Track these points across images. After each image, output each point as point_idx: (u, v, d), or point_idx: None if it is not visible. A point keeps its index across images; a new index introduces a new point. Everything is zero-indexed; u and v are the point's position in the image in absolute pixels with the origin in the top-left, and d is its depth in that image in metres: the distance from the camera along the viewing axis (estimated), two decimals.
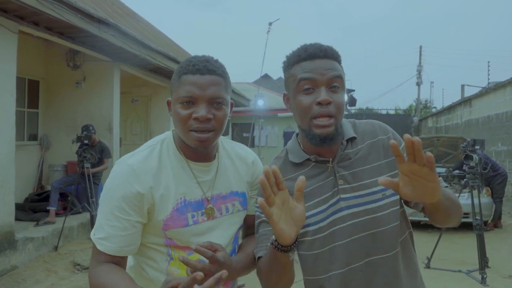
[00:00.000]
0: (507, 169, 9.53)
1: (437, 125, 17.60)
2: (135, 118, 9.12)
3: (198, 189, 1.21)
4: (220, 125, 1.17)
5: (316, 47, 1.17)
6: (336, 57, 1.19)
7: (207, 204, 1.22)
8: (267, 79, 24.34)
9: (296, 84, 1.16)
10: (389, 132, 1.24)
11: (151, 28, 10.05)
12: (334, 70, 1.16)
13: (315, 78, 1.14)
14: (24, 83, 6.72)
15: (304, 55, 1.17)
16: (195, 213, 1.20)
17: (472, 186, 5.02)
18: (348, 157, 1.20)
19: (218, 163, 1.27)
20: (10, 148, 4.68)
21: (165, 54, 7.35)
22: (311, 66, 1.15)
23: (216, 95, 1.14)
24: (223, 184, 1.26)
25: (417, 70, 27.03)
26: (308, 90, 1.15)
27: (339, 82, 1.16)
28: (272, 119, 16.37)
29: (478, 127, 11.97)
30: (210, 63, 1.16)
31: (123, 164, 1.17)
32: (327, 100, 1.12)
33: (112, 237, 1.13)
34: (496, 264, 5.22)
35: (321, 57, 1.16)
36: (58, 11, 4.63)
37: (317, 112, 1.13)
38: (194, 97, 1.13)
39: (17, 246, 4.69)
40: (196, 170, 1.22)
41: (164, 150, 1.22)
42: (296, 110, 1.18)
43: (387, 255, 1.16)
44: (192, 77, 1.13)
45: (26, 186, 6.67)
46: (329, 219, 1.17)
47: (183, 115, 1.14)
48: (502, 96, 10.28)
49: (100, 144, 6.20)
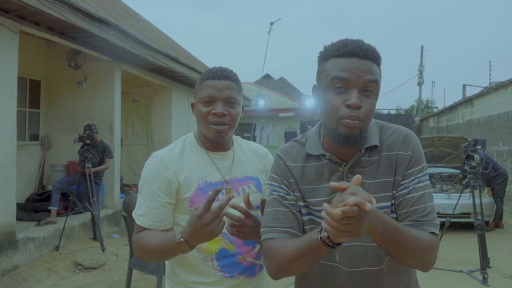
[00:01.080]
0: (508, 169, 9.51)
1: (438, 125, 17.57)
2: (136, 118, 9.11)
3: (217, 173, 1.46)
4: (233, 120, 1.43)
5: (357, 45, 1.11)
6: (376, 59, 1.12)
7: (226, 185, 1.45)
8: (268, 79, 24.30)
9: (328, 80, 1.12)
10: (409, 150, 1.17)
11: (152, 28, 10.05)
12: (371, 73, 1.09)
13: (349, 78, 1.08)
14: (25, 83, 6.72)
15: (342, 50, 1.11)
16: None
17: (474, 186, 5.01)
18: (362, 165, 1.17)
19: (233, 153, 1.52)
20: (11, 148, 4.69)
21: (166, 54, 7.35)
22: (348, 65, 1.09)
23: (230, 96, 1.41)
24: (238, 169, 1.50)
25: (418, 70, 27.03)
26: (340, 89, 1.10)
27: (373, 87, 1.10)
28: (273, 119, 16.37)
29: (479, 127, 11.95)
30: (226, 72, 1.45)
31: (154, 157, 1.46)
32: (357, 104, 1.07)
33: (148, 214, 1.40)
34: (497, 264, 5.21)
35: (360, 57, 1.09)
36: (59, 11, 4.63)
37: (345, 114, 1.09)
38: (213, 97, 1.40)
39: (18, 246, 4.69)
40: (215, 158, 1.47)
41: (187, 144, 1.50)
42: (325, 107, 1.14)
43: (372, 269, 1.18)
44: (212, 82, 1.41)
45: (27, 186, 6.68)
46: None
47: (204, 112, 1.41)
48: (503, 96, 10.26)
49: (102, 144, 6.21)
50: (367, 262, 1.17)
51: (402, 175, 1.16)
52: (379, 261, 1.18)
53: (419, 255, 1.09)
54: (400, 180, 1.16)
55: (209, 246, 1.39)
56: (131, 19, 8.08)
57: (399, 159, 1.17)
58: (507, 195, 8.64)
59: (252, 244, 1.45)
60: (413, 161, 1.16)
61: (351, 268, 1.18)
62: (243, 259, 1.43)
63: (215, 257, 1.41)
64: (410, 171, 1.16)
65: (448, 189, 7.65)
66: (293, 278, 1.33)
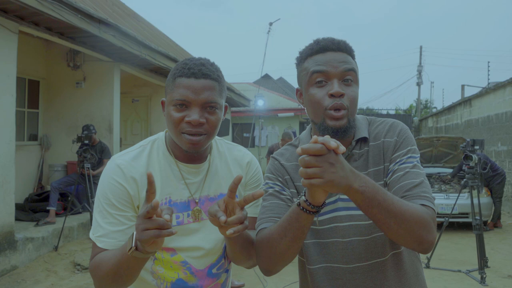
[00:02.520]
0: (506, 169, 9.53)
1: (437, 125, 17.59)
2: (135, 118, 9.12)
3: (185, 190, 1.21)
4: (212, 129, 1.16)
5: (329, 40, 1.16)
6: (349, 51, 1.17)
7: (194, 205, 1.21)
8: (267, 79, 24.33)
9: (308, 77, 1.15)
10: (394, 136, 1.17)
11: (151, 28, 10.05)
12: (347, 63, 1.14)
13: (327, 70, 1.12)
14: (24, 83, 6.73)
15: (316, 48, 1.16)
16: (180, 214, 1.19)
17: (472, 186, 5.03)
18: (354, 158, 1.18)
19: (209, 165, 1.26)
20: (10, 148, 4.69)
21: (165, 54, 7.36)
22: (324, 59, 1.13)
23: (209, 100, 1.13)
24: (212, 186, 1.25)
25: (417, 70, 27.03)
26: (321, 83, 1.13)
27: (352, 76, 1.14)
28: (272, 119, 16.39)
29: (478, 127, 11.97)
30: (205, 67, 1.15)
31: (112, 164, 1.20)
32: (339, 92, 1.10)
33: (110, 233, 1.14)
34: (495, 264, 5.22)
35: (334, 50, 1.14)
36: (58, 11, 4.63)
37: (329, 104, 1.11)
38: (188, 100, 1.12)
39: (17, 246, 4.70)
40: (185, 172, 1.22)
41: (154, 150, 1.24)
42: (309, 103, 1.16)
43: (375, 261, 1.16)
44: (187, 81, 1.13)
45: (26, 186, 6.68)
46: (329, 215, 1.17)
47: (175, 118, 1.13)
48: (502, 96, 10.28)
49: (100, 145, 6.21)
50: (368, 256, 1.15)
51: (389, 161, 1.16)
52: (382, 253, 1.16)
53: (409, 224, 0.97)
54: (388, 164, 1.16)
55: (166, 274, 1.20)
56: (130, 20, 8.08)
57: (385, 146, 1.17)
58: (505, 195, 8.65)
59: (217, 276, 1.27)
60: (398, 145, 1.16)
61: (352, 264, 1.16)
62: None
63: (170, 286, 1.21)
64: (395, 155, 1.15)
65: (446, 189, 7.67)
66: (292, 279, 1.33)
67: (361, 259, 1.16)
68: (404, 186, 1.09)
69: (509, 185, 9.57)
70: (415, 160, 1.14)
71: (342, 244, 1.16)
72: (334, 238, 1.17)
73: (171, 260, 1.20)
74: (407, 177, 1.10)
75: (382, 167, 1.17)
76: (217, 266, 1.26)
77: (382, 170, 1.16)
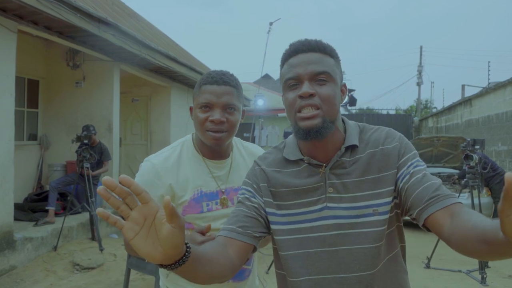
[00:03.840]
0: (507, 169, 9.51)
1: (437, 125, 17.57)
2: (135, 118, 9.10)
3: (213, 182, 1.44)
4: (232, 127, 1.39)
5: (300, 42, 1.14)
6: (324, 50, 1.12)
7: (221, 195, 1.44)
8: (267, 79, 24.33)
9: (283, 83, 1.15)
10: (395, 141, 1.14)
11: (151, 28, 10.04)
12: (317, 63, 1.10)
13: (298, 72, 1.10)
14: (23, 82, 6.71)
15: (289, 52, 1.15)
16: (209, 202, 1.42)
17: (472, 186, 5.02)
18: (343, 165, 1.13)
19: (231, 160, 1.49)
20: (9, 148, 4.68)
21: (165, 54, 7.34)
22: (296, 62, 1.11)
23: (229, 102, 1.37)
24: (235, 178, 1.47)
25: (417, 70, 27.01)
26: (294, 86, 1.11)
27: (325, 76, 1.09)
28: (272, 119, 16.38)
29: (478, 127, 11.96)
30: (226, 76, 1.40)
31: (148, 163, 1.42)
32: (307, 92, 1.07)
33: None
34: (496, 264, 5.20)
35: (305, 51, 1.11)
36: (58, 10, 4.62)
37: (299, 105, 1.09)
38: (211, 103, 1.37)
39: (16, 246, 4.68)
40: (211, 167, 1.45)
41: (184, 150, 1.47)
42: (285, 107, 1.15)
43: (364, 273, 1.11)
44: (210, 87, 1.37)
45: (26, 186, 6.66)
46: (312, 224, 1.13)
47: (201, 118, 1.37)
48: (502, 96, 10.26)
49: (100, 145, 6.18)
50: (356, 267, 1.11)
51: (396, 167, 1.11)
52: (371, 266, 1.11)
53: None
54: (396, 172, 1.11)
55: None
56: (130, 19, 8.07)
57: (385, 153, 1.12)
58: None
59: None
60: (403, 149, 1.13)
61: (339, 274, 1.12)
62: None
63: None
64: (403, 160, 1.11)
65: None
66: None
67: (347, 270, 1.11)
68: (429, 187, 1.05)
69: None
70: (422, 163, 1.12)
71: (321, 254, 1.12)
72: (313, 248, 1.13)
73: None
74: (428, 179, 1.07)
75: (386, 174, 1.11)
76: None
77: (386, 176, 1.11)
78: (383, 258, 1.13)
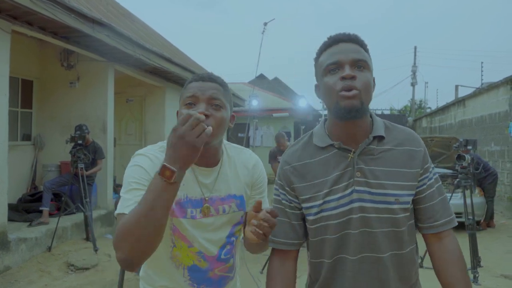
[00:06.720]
0: (499, 169, 9.59)
1: (431, 125, 17.68)
2: (129, 118, 9.09)
3: (199, 190, 1.36)
4: (218, 126, 1.28)
5: (341, 33, 1.23)
6: (361, 44, 1.22)
7: (204, 203, 1.36)
8: (262, 79, 24.32)
9: (323, 69, 1.21)
10: (421, 146, 1.27)
11: (146, 28, 10.02)
12: (358, 52, 1.19)
13: (339, 59, 1.18)
14: (17, 83, 6.68)
15: (329, 41, 1.23)
16: (193, 209, 1.36)
17: (465, 186, 5.05)
18: (371, 152, 1.23)
19: (219, 168, 1.41)
20: (3, 148, 4.66)
21: (160, 54, 7.34)
22: (337, 49, 1.20)
23: (214, 96, 1.30)
24: (222, 187, 1.40)
25: (412, 70, 27.16)
26: (334, 71, 1.19)
27: (363, 64, 1.19)
28: (267, 119, 16.39)
29: (471, 127, 12.04)
30: (213, 75, 1.37)
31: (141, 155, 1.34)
32: (350, 74, 1.15)
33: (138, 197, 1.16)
34: (488, 263, 5.25)
35: (346, 41, 1.21)
36: (52, 11, 4.61)
37: (341, 86, 1.16)
38: (196, 96, 1.30)
39: (10, 247, 4.67)
40: (198, 173, 1.37)
41: None
42: (324, 91, 1.22)
43: (383, 255, 1.21)
44: (195, 83, 1.33)
45: (20, 186, 6.64)
46: (345, 208, 1.21)
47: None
48: (495, 96, 10.34)
49: (93, 145, 6.17)
50: (374, 249, 1.21)
51: (422, 169, 1.24)
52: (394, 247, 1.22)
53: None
54: (419, 172, 1.23)
55: (183, 259, 1.37)
56: (124, 19, 8.06)
57: (411, 153, 1.24)
58: (498, 194, 8.72)
59: (225, 261, 1.43)
60: (426, 157, 1.26)
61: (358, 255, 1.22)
62: (212, 274, 1.40)
63: (187, 268, 1.38)
64: (426, 166, 1.25)
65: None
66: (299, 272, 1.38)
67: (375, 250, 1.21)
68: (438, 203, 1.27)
69: (502, 185, 9.64)
70: (435, 171, 1.30)
71: (352, 236, 1.21)
72: (346, 230, 1.22)
73: (188, 250, 1.36)
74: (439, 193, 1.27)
75: (411, 171, 1.23)
76: (224, 252, 1.42)
77: (410, 173, 1.22)
78: (406, 246, 1.24)
